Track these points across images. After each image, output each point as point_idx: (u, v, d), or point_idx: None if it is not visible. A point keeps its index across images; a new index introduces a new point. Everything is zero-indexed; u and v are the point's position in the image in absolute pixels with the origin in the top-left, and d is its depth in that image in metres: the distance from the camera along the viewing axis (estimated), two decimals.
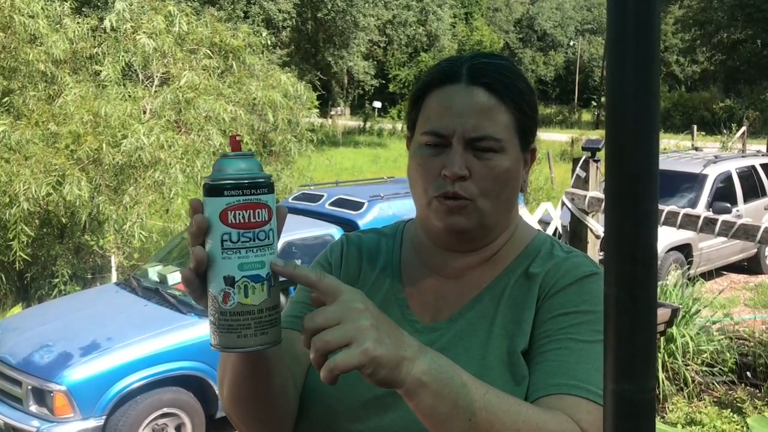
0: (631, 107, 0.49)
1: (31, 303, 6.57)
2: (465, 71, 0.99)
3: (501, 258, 1.06)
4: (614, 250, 0.51)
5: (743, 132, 17.43)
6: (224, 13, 20.69)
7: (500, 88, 0.98)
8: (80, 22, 7.56)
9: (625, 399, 0.51)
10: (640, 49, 0.48)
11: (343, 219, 5.75)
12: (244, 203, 0.80)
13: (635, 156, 0.49)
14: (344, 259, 1.13)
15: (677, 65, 50.31)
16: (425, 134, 1.00)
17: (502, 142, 0.98)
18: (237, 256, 0.80)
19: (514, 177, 1.01)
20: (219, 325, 0.83)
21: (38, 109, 6.84)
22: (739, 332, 5.78)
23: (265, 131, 8.44)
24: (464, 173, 0.97)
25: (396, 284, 1.08)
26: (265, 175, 0.83)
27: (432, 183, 0.99)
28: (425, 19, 32.69)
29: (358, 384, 0.97)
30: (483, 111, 0.97)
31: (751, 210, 8.63)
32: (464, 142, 0.97)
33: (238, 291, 0.81)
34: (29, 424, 4.18)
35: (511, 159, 1.00)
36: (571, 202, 4.34)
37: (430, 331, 1.02)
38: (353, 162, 19.90)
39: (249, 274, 0.81)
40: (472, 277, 1.05)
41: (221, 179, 0.80)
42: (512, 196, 1.03)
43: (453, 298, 1.04)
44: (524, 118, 1.01)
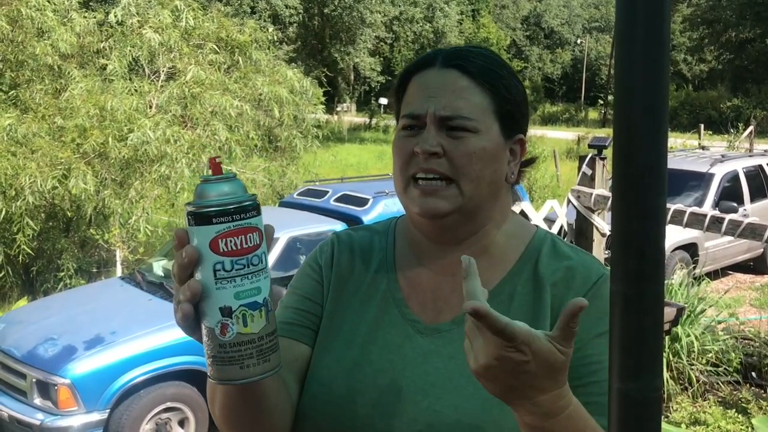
0: (639, 101, 0.48)
1: (36, 296, 6.60)
2: (442, 56, 1.01)
3: (498, 256, 1.03)
4: (621, 246, 0.50)
5: (750, 131, 17.36)
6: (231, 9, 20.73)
7: (474, 69, 0.98)
8: (87, 16, 7.57)
9: (631, 398, 0.50)
10: (649, 42, 0.47)
11: (347, 215, 5.74)
12: (235, 229, 0.76)
13: (643, 150, 0.48)
14: (335, 260, 1.10)
15: (685, 64, 50.14)
16: (403, 118, 1.01)
17: (475, 122, 0.96)
18: (232, 285, 0.77)
19: (493, 159, 0.98)
20: (219, 359, 0.79)
21: (45, 102, 6.85)
22: (745, 332, 5.76)
23: (270, 127, 8.43)
24: (436, 149, 0.95)
25: (393, 283, 1.05)
26: (251, 196, 0.80)
27: (407, 164, 0.99)
28: (432, 16, 32.65)
29: (348, 409, 0.96)
30: (455, 91, 0.97)
31: (757, 209, 8.59)
32: (437, 121, 0.96)
33: (237, 321, 0.78)
34: (33, 416, 4.19)
35: (487, 141, 0.97)
36: (577, 200, 4.33)
37: (432, 332, 0.99)
38: (359, 158, 19.89)
39: (246, 303, 0.78)
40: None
41: (207, 206, 0.76)
42: (496, 180, 1.00)
43: (453, 298, 1.00)
44: (503, 101, 0.99)
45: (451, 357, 0.96)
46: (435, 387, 0.95)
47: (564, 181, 14.54)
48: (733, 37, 37.37)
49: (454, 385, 0.94)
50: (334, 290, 1.07)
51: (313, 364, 1.03)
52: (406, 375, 0.97)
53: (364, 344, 1.01)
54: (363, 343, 1.01)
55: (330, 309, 1.06)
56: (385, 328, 1.02)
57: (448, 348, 0.97)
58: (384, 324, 1.02)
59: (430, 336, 0.99)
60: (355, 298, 1.05)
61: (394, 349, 0.99)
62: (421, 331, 1.00)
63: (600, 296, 0.97)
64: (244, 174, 7.75)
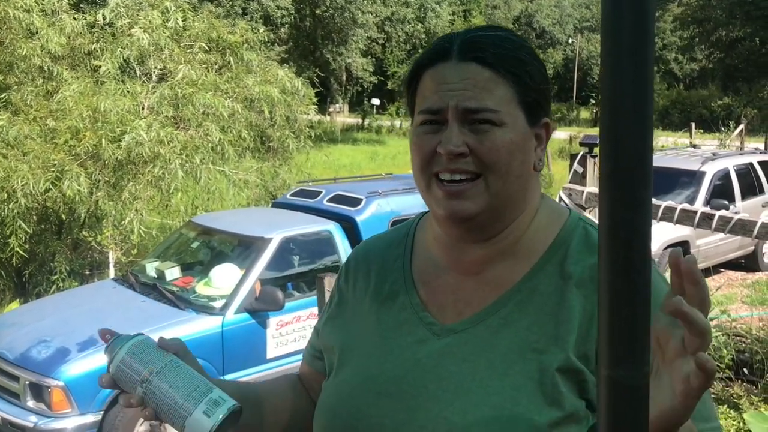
0: (626, 93, 0.49)
1: (28, 299, 6.57)
2: (456, 47, 0.94)
3: (525, 250, 0.96)
4: (609, 236, 0.50)
5: (741, 130, 17.45)
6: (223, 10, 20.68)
7: (494, 60, 0.92)
8: (77, 17, 7.54)
9: (620, 385, 0.51)
10: (634, 35, 0.48)
11: (341, 215, 5.75)
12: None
13: (630, 142, 0.49)
14: (351, 280, 1.09)
15: (676, 63, 50.33)
16: (420, 113, 0.95)
17: (501, 114, 0.91)
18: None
19: (521, 150, 0.93)
20: None
21: (36, 104, 6.82)
22: (737, 329, 5.79)
23: (263, 127, 8.43)
24: (462, 149, 0.90)
25: (410, 290, 1.01)
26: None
27: (428, 162, 0.93)
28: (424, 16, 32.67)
29: (360, 423, 0.96)
30: (477, 84, 0.91)
31: (748, 207, 8.63)
32: (460, 115, 0.91)
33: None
34: (26, 419, 4.18)
35: (514, 132, 0.92)
36: (569, 198, 4.34)
37: (449, 333, 0.95)
38: (351, 159, 19.88)
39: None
40: (492, 272, 0.96)
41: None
42: (524, 172, 0.94)
43: (473, 298, 0.96)
44: (527, 90, 0.93)
45: (465, 359, 0.92)
46: (447, 392, 0.91)
47: (556, 179, 14.57)
48: (724, 36, 37.51)
49: (465, 390, 0.90)
50: (351, 309, 1.07)
51: (328, 383, 1.03)
52: (419, 381, 0.93)
53: (381, 354, 0.98)
54: (379, 354, 0.99)
55: (348, 327, 1.05)
56: (402, 335, 0.98)
57: (463, 349, 0.93)
58: (401, 332, 0.99)
59: (446, 337, 0.95)
60: (372, 311, 1.03)
61: (408, 356, 0.96)
62: (437, 332, 0.96)
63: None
64: (236, 175, 7.74)
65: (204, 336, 4.65)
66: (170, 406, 0.89)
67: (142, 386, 0.90)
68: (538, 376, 0.88)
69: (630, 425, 0.52)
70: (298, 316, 5.07)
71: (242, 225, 5.63)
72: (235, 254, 5.46)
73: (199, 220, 6.10)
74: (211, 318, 4.73)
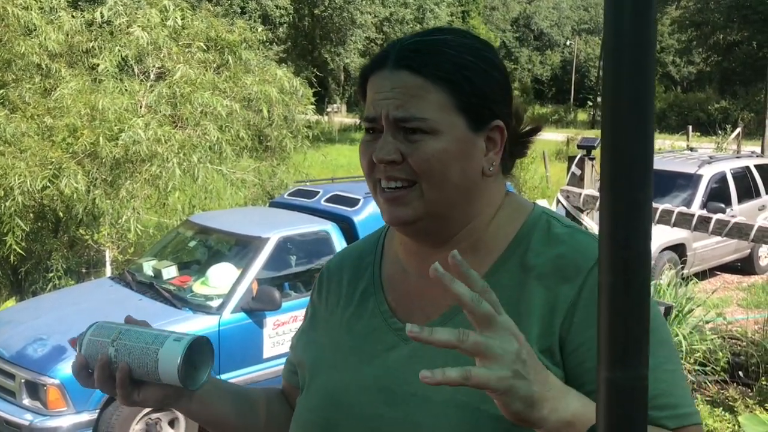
0: (626, 95, 0.49)
1: (25, 297, 6.55)
2: (393, 54, 0.94)
3: (486, 248, 0.96)
4: (608, 236, 0.51)
5: (738, 133, 17.50)
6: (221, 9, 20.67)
7: (425, 67, 0.91)
8: (75, 15, 7.53)
9: (618, 386, 0.51)
10: (636, 38, 0.48)
11: (338, 215, 5.75)
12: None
13: (630, 144, 0.49)
14: (323, 293, 1.10)
15: (673, 66, 50.45)
16: (363, 121, 0.97)
17: (431, 122, 0.90)
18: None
19: (457, 158, 0.92)
20: None
21: (34, 102, 6.82)
22: (732, 332, 5.81)
23: (261, 127, 8.43)
24: (392, 157, 0.91)
25: (380, 297, 1.02)
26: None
27: (371, 171, 0.95)
28: (422, 17, 32.69)
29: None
30: (408, 92, 0.91)
31: (745, 211, 8.65)
32: (391, 124, 0.91)
33: None
34: (22, 417, 4.17)
35: (448, 140, 0.91)
36: (566, 200, 4.35)
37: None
38: (349, 159, 19.87)
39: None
40: (453, 274, 0.97)
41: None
42: (466, 179, 0.93)
43: (439, 300, 0.95)
44: (465, 95, 0.92)
45: (432, 361, 0.91)
46: (415, 396, 0.91)
47: (553, 181, 14.61)
48: (721, 40, 37.61)
49: (433, 392, 0.89)
50: (323, 322, 1.08)
51: (300, 398, 1.04)
52: (388, 388, 0.94)
53: (351, 365, 0.99)
54: (349, 364, 0.99)
55: (319, 341, 1.06)
56: (372, 343, 0.99)
57: (430, 351, 0.91)
58: (371, 340, 0.99)
59: (413, 341, 0.94)
60: (344, 321, 1.04)
61: (378, 363, 0.97)
62: (405, 338, 0.95)
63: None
64: (234, 174, 7.74)
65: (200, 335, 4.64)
66: (141, 349, 0.94)
67: (113, 345, 0.95)
68: None
69: (629, 426, 0.52)
70: (295, 316, 5.07)
71: (239, 224, 5.63)
72: (233, 253, 5.45)
73: (196, 219, 6.10)
74: (207, 317, 4.73)
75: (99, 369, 0.95)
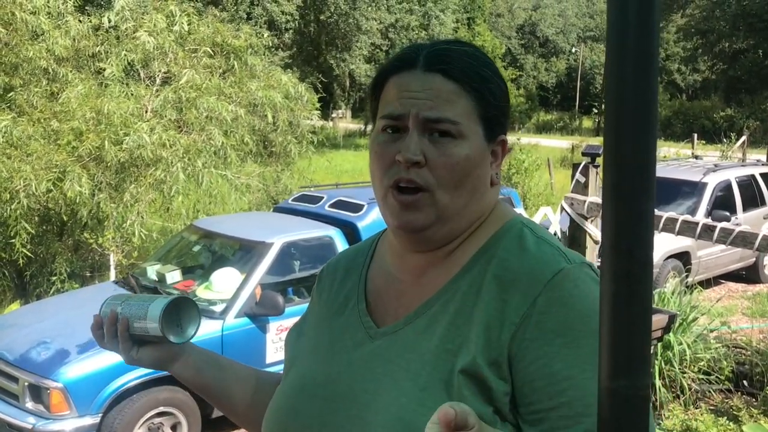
0: (629, 104, 0.49)
1: (29, 300, 6.57)
2: (422, 57, 0.95)
3: (461, 254, 0.97)
4: (611, 246, 0.51)
5: (743, 141, 17.46)
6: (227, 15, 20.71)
7: (458, 74, 0.93)
8: (82, 19, 7.57)
9: (620, 396, 0.51)
10: (639, 47, 0.48)
11: (342, 221, 5.75)
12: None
13: (633, 154, 0.49)
14: (319, 289, 1.13)
15: (679, 74, 50.38)
16: (382, 118, 0.96)
17: (460, 126, 0.92)
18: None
19: (475, 166, 0.94)
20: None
21: (40, 105, 6.85)
22: (736, 341, 5.78)
23: (265, 132, 8.44)
24: (419, 158, 0.91)
25: (361, 297, 1.04)
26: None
27: (387, 171, 0.94)
28: (428, 24, 32.72)
29: (293, 423, 0.98)
30: (440, 95, 0.92)
31: (750, 219, 8.63)
32: (420, 124, 0.92)
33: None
34: (25, 420, 4.17)
35: (471, 147, 0.93)
36: (570, 207, 4.35)
37: (382, 336, 0.97)
38: (354, 165, 19.90)
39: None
40: (430, 276, 0.98)
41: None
42: (475, 188, 0.95)
43: (414, 300, 0.97)
44: (487, 106, 0.95)
45: (390, 360, 0.93)
46: (367, 393, 0.92)
47: (558, 188, 14.58)
48: (727, 48, 37.56)
49: (382, 391, 0.91)
50: (314, 318, 1.11)
51: (278, 387, 1.06)
52: (347, 383, 0.96)
53: (322, 358, 1.01)
54: (321, 358, 1.02)
55: (304, 335, 1.10)
56: (344, 339, 1.01)
57: (390, 351, 0.95)
58: (345, 336, 1.01)
59: (379, 339, 0.97)
60: (327, 318, 1.07)
61: (344, 358, 0.99)
62: (372, 336, 0.98)
63: (557, 299, 0.86)
64: (239, 179, 7.75)
65: (204, 340, 4.65)
66: (138, 305, 1.12)
67: (121, 305, 1.14)
68: (447, 377, 0.87)
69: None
70: None
71: (244, 229, 5.64)
72: (236, 258, 5.46)
73: (200, 223, 6.11)
74: (211, 322, 4.73)
75: (107, 323, 1.13)
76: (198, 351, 1.19)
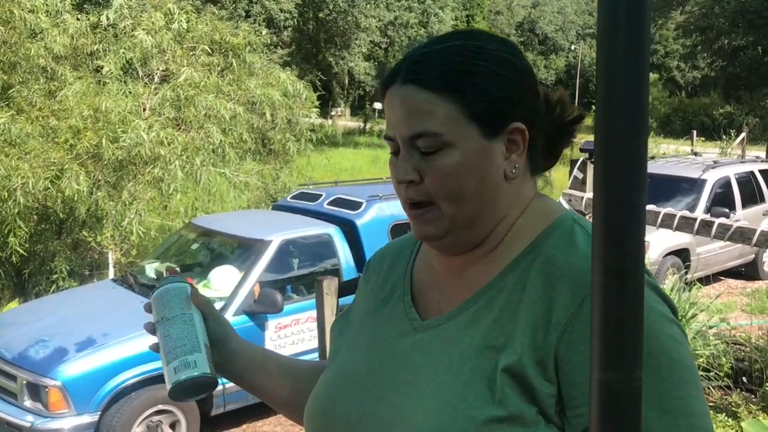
0: (620, 98, 0.49)
1: (28, 298, 6.57)
2: (404, 68, 0.93)
3: (504, 250, 0.95)
4: (602, 240, 0.50)
5: (743, 138, 17.46)
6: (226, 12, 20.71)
7: (431, 80, 0.90)
8: (80, 18, 7.56)
9: (612, 388, 0.51)
10: (630, 36, 0.48)
11: (341, 218, 5.75)
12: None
13: (624, 147, 0.49)
14: (365, 281, 1.14)
15: (678, 71, 50.37)
16: (384, 139, 0.98)
17: (443, 137, 0.89)
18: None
19: (472, 171, 0.91)
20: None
21: (39, 103, 6.84)
22: (736, 337, 5.78)
23: (264, 130, 8.44)
24: (411, 177, 0.91)
25: (406, 288, 1.05)
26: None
27: (398, 189, 0.96)
28: (427, 21, 32.72)
29: (331, 410, 0.99)
30: (417, 108, 0.90)
31: (749, 216, 8.63)
32: (407, 143, 0.92)
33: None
34: (23, 419, 4.17)
35: (462, 153, 0.90)
36: (569, 203, 4.34)
37: (425, 329, 0.97)
38: (353, 163, 19.89)
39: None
40: (472, 272, 0.97)
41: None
42: (485, 188, 0.92)
43: (453, 296, 0.97)
44: (475, 103, 0.90)
45: (431, 354, 0.93)
46: (408, 385, 0.93)
47: (556, 185, 14.55)
48: (726, 45, 37.53)
49: (422, 384, 0.91)
50: (360, 307, 1.12)
51: (322, 375, 1.08)
52: (389, 373, 0.96)
53: (366, 347, 1.02)
54: (364, 347, 1.03)
55: (349, 325, 1.11)
56: (388, 330, 1.02)
57: (432, 344, 0.95)
58: (389, 326, 1.02)
59: (422, 332, 0.97)
60: (373, 308, 1.08)
61: (387, 349, 0.99)
62: (416, 328, 0.98)
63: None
64: (237, 177, 7.74)
65: None
66: (162, 349, 1.11)
67: (156, 324, 1.14)
68: (489, 374, 0.86)
69: (621, 428, 0.52)
70: (297, 319, 5.07)
71: (242, 227, 5.64)
72: (235, 256, 5.46)
73: (199, 221, 6.11)
74: None
75: (147, 328, 1.17)
76: (236, 360, 1.19)
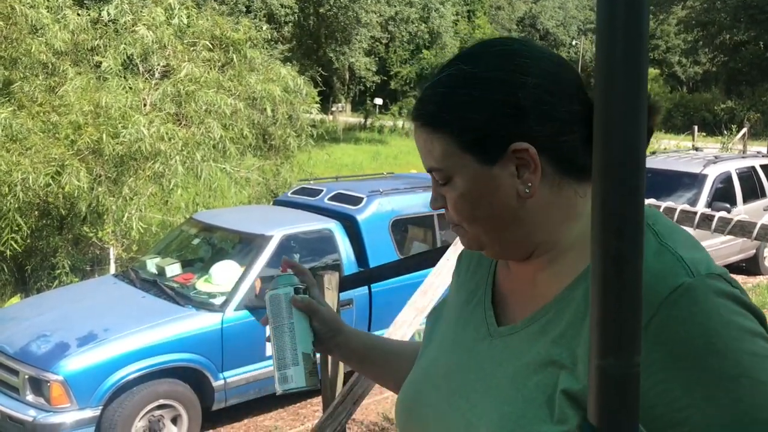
0: (619, 83, 0.49)
1: (29, 294, 6.58)
2: (414, 106, 0.99)
3: (573, 258, 0.91)
4: (601, 226, 0.51)
5: (744, 133, 17.44)
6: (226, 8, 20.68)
7: (427, 118, 0.93)
8: (81, 13, 7.56)
9: (610, 374, 0.51)
10: (628, 25, 0.48)
11: (341, 214, 5.75)
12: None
13: (623, 132, 0.49)
14: (458, 273, 1.15)
15: (679, 66, 50.31)
16: None
17: (444, 172, 0.92)
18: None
19: (478, 198, 0.91)
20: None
21: (40, 98, 6.84)
22: None
23: (265, 125, 8.43)
24: (437, 205, 0.98)
25: (488, 289, 1.04)
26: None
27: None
28: (427, 16, 32.68)
29: (414, 410, 1.02)
30: (422, 147, 0.95)
31: (750, 211, 8.62)
32: (431, 176, 0.98)
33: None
34: (26, 413, 4.19)
35: (463, 183, 0.91)
36: None
37: (499, 335, 0.96)
38: (353, 158, 19.88)
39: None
40: (540, 280, 0.95)
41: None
42: (497, 211, 0.91)
43: (525, 303, 0.96)
44: (463, 132, 0.89)
45: (500, 363, 0.92)
46: (477, 393, 0.93)
47: None
48: (728, 40, 37.47)
49: (488, 394, 0.91)
50: (450, 301, 1.13)
51: (414, 366, 1.11)
52: (463, 378, 0.96)
53: (447, 348, 1.04)
54: (446, 347, 1.04)
55: (440, 319, 1.13)
56: (468, 331, 1.02)
57: (503, 353, 0.93)
58: (469, 328, 1.02)
59: (496, 338, 0.96)
60: (458, 305, 1.09)
61: (463, 352, 1.00)
62: (492, 333, 0.97)
63: (673, 319, 0.77)
64: (238, 172, 7.74)
65: (203, 332, 4.66)
66: (273, 353, 1.18)
67: (269, 326, 1.21)
68: (550, 390, 0.84)
69: (620, 414, 0.52)
70: None
71: (243, 222, 5.64)
72: (236, 251, 5.46)
73: (200, 217, 6.11)
74: (210, 315, 4.74)
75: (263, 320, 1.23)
76: (339, 353, 1.25)
